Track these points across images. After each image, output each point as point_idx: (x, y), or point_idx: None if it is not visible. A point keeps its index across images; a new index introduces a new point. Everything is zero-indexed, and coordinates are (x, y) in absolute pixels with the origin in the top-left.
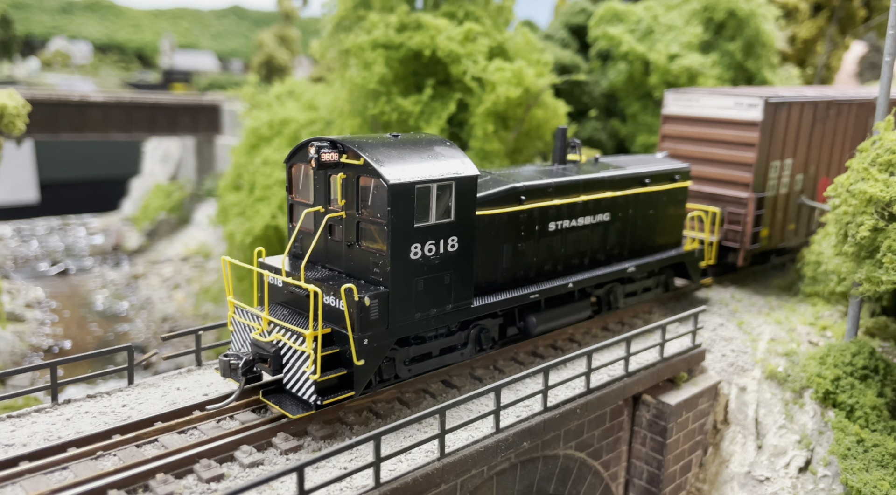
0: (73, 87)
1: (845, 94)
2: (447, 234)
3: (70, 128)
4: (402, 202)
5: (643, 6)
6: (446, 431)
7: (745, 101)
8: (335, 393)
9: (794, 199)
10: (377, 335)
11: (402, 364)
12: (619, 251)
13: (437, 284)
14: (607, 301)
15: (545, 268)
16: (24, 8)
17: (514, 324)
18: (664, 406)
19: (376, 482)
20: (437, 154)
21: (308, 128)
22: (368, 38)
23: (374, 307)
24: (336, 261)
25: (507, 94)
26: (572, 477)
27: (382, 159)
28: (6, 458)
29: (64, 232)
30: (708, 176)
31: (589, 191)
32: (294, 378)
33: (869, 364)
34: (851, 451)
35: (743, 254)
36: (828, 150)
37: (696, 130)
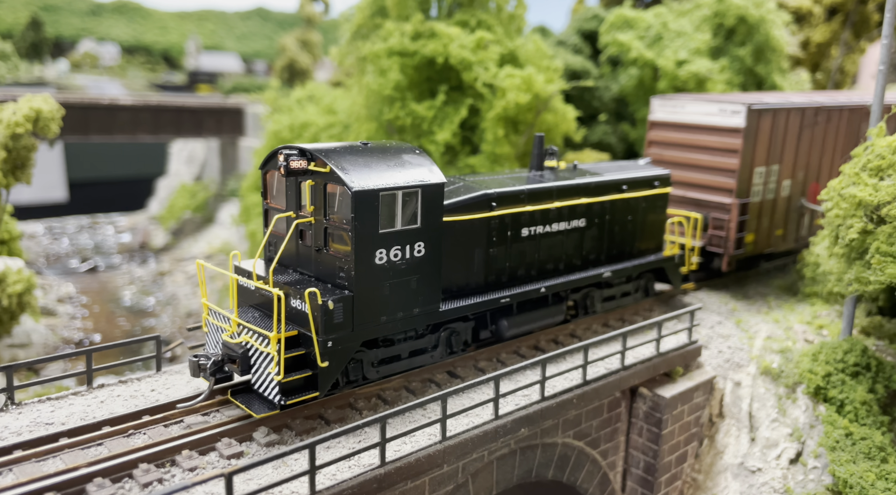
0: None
1: (835, 99)
2: (414, 240)
3: (100, 130)
4: (366, 209)
5: (653, 13)
6: (447, 416)
7: (729, 108)
8: (300, 394)
9: (781, 205)
10: (342, 338)
11: (370, 365)
12: (595, 256)
13: (403, 288)
14: (584, 305)
15: (518, 273)
16: (54, 10)
17: (486, 328)
18: (659, 398)
19: (382, 460)
20: (405, 162)
21: (327, 131)
22: (384, 45)
23: (339, 310)
24: (307, 266)
25: (517, 100)
26: (570, 464)
27: (347, 167)
28: (48, 434)
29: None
30: (693, 182)
31: (563, 198)
32: (260, 378)
33: (861, 361)
34: (840, 444)
35: (727, 259)
36: (817, 156)
37: (681, 136)
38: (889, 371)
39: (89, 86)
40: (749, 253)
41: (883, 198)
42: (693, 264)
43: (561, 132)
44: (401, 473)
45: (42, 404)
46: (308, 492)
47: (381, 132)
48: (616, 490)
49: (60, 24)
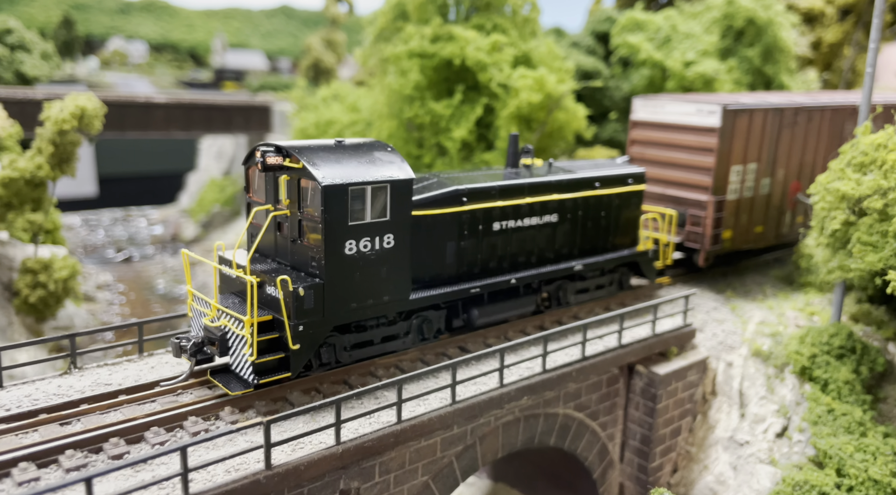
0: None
1: (816, 100)
2: (383, 232)
3: (136, 127)
4: (335, 202)
5: (663, 16)
6: (457, 382)
7: (705, 108)
8: (273, 374)
9: (759, 203)
10: (312, 322)
11: (343, 350)
12: (567, 250)
13: (373, 277)
14: (556, 297)
15: (489, 265)
16: (85, 9)
17: (458, 316)
18: (654, 375)
19: (398, 419)
20: (376, 158)
21: (351, 128)
22: (405, 48)
23: (309, 297)
24: (284, 255)
25: (530, 99)
26: (571, 433)
27: (319, 163)
28: (108, 391)
29: (127, 222)
30: (672, 179)
31: (535, 194)
32: (236, 359)
33: (846, 344)
34: (822, 419)
35: (703, 254)
36: (798, 155)
37: (661, 135)
38: (874, 354)
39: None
40: (727, 249)
41: (864, 191)
42: (669, 259)
43: (572, 129)
44: (415, 430)
45: (100, 368)
46: (334, 442)
47: (401, 129)
48: (614, 460)
49: (90, 23)
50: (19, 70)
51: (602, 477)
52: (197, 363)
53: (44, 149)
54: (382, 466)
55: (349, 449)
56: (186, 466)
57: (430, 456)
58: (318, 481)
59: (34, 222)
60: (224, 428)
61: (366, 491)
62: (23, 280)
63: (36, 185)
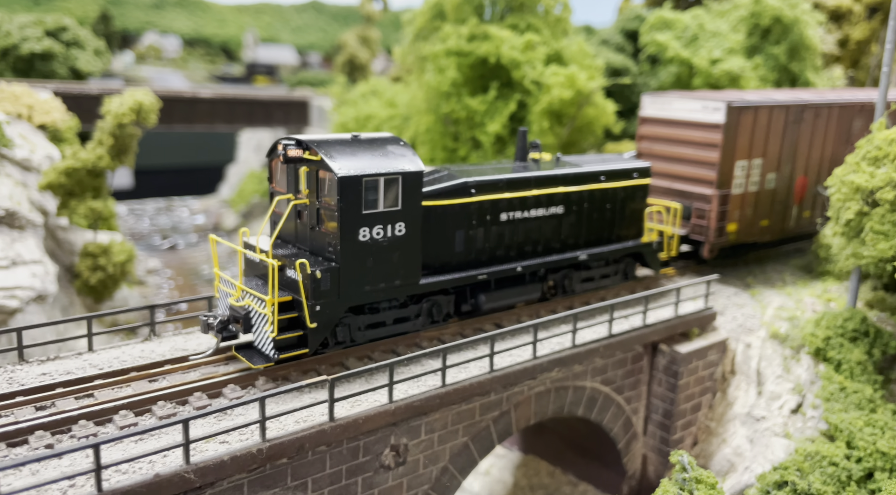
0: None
1: (824, 97)
2: (395, 221)
3: (182, 120)
4: (350, 192)
5: (691, 14)
6: (494, 353)
7: (711, 105)
8: (292, 350)
9: (765, 197)
10: (328, 303)
11: (357, 329)
12: (573, 241)
13: (385, 262)
14: (562, 285)
15: (497, 253)
16: (120, 4)
17: (467, 302)
18: (676, 354)
19: (443, 383)
20: (389, 152)
21: (388, 123)
22: (443, 46)
23: (326, 279)
24: (304, 241)
25: (561, 96)
26: (597, 405)
27: (336, 156)
28: (184, 355)
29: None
30: (678, 174)
31: (541, 187)
32: (259, 336)
33: (860, 328)
34: (834, 396)
35: (708, 247)
36: (805, 151)
37: (668, 131)
38: (887, 338)
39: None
40: (732, 241)
41: (877, 183)
42: (674, 251)
43: (601, 124)
44: (457, 394)
45: (176, 336)
46: (387, 401)
47: (438, 124)
48: (638, 432)
49: (126, 17)
50: (74, 66)
51: (626, 448)
52: (223, 339)
53: (104, 141)
54: (428, 425)
55: (400, 408)
56: (264, 415)
57: (469, 419)
58: (372, 435)
59: (94, 209)
60: (294, 383)
61: (413, 447)
62: (84, 263)
63: (96, 175)
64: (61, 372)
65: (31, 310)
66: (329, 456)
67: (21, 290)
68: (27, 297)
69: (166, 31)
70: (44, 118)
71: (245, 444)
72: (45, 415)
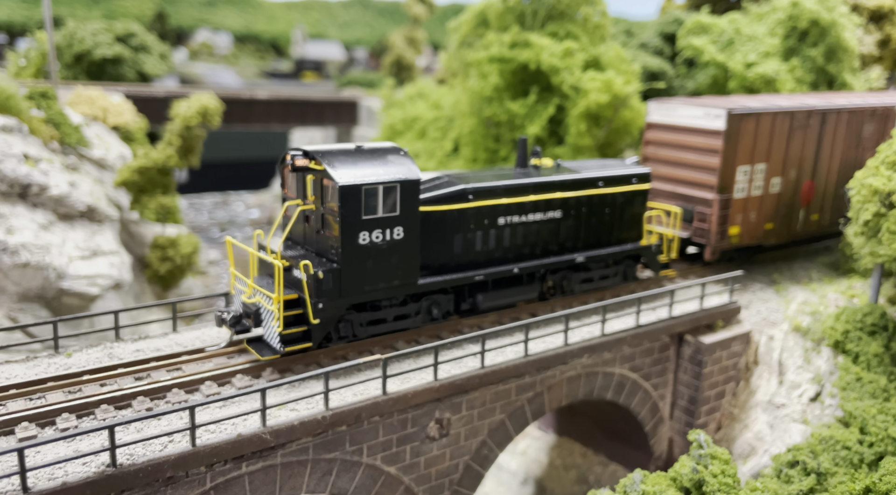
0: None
1: (831, 102)
2: (393, 225)
3: (240, 120)
4: (350, 199)
5: (727, 19)
6: (528, 339)
7: (712, 112)
8: (297, 343)
9: (769, 201)
10: (331, 301)
11: (359, 325)
12: (571, 243)
13: (384, 264)
14: (560, 286)
15: (495, 255)
16: (174, 2)
17: (465, 300)
18: (701, 344)
19: (482, 365)
20: (389, 161)
21: (434, 124)
22: (486, 53)
23: (328, 279)
24: (311, 244)
25: (598, 100)
26: (625, 390)
27: (337, 165)
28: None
29: (227, 206)
30: (682, 178)
31: (539, 192)
32: (267, 330)
33: (878, 322)
34: (850, 385)
35: (710, 250)
36: (811, 155)
37: (672, 137)
38: None
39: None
40: (735, 244)
41: (893, 187)
42: (674, 253)
43: (637, 126)
44: (495, 375)
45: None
46: (433, 379)
47: (481, 126)
48: (664, 416)
49: (179, 15)
50: (141, 69)
51: (653, 431)
52: (236, 333)
53: (173, 142)
54: (468, 402)
55: (444, 385)
56: (328, 387)
57: (506, 399)
58: (419, 409)
59: (164, 205)
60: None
61: (455, 421)
62: (154, 254)
63: (165, 173)
64: (151, 349)
65: (109, 297)
66: (382, 426)
67: (101, 278)
68: (106, 285)
69: (218, 28)
70: (117, 120)
71: (312, 412)
72: (144, 384)
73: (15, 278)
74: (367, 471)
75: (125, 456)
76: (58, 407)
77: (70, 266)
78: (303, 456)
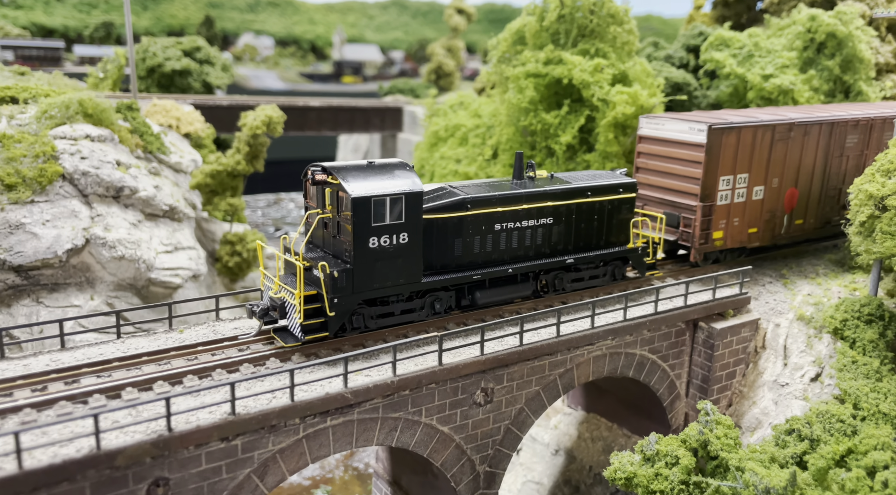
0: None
1: (813, 115)
2: (399, 231)
3: (295, 127)
4: (361, 209)
5: (748, 33)
6: (561, 322)
7: (695, 126)
8: (316, 333)
9: (752, 207)
10: (344, 297)
11: (370, 318)
12: (562, 247)
13: (391, 265)
14: (553, 284)
15: (492, 257)
16: (219, 6)
17: (465, 297)
18: (713, 330)
19: (521, 342)
20: (396, 175)
21: (474, 131)
22: (523, 69)
23: (342, 278)
24: (328, 247)
25: (625, 111)
26: (646, 369)
27: (350, 180)
28: None
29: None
30: (669, 187)
31: (532, 202)
32: (290, 321)
33: (875, 312)
34: (846, 367)
35: (694, 252)
36: (794, 165)
37: (661, 149)
38: None
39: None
40: (719, 247)
41: (886, 192)
42: (660, 255)
43: None
44: (532, 352)
45: None
46: (479, 352)
47: (517, 135)
48: (681, 394)
49: (224, 19)
50: (206, 80)
51: (670, 406)
52: (265, 323)
53: (241, 149)
54: (509, 375)
55: (489, 359)
56: (395, 357)
57: (540, 373)
58: (468, 378)
59: (233, 205)
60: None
61: (498, 390)
62: (223, 249)
63: (234, 177)
64: (246, 327)
65: (188, 287)
66: (437, 392)
67: (182, 270)
68: (186, 276)
69: (261, 31)
70: (188, 128)
71: (382, 377)
72: (247, 354)
73: (111, 269)
74: (425, 429)
75: (241, 407)
76: (182, 370)
77: (156, 259)
78: (374, 414)
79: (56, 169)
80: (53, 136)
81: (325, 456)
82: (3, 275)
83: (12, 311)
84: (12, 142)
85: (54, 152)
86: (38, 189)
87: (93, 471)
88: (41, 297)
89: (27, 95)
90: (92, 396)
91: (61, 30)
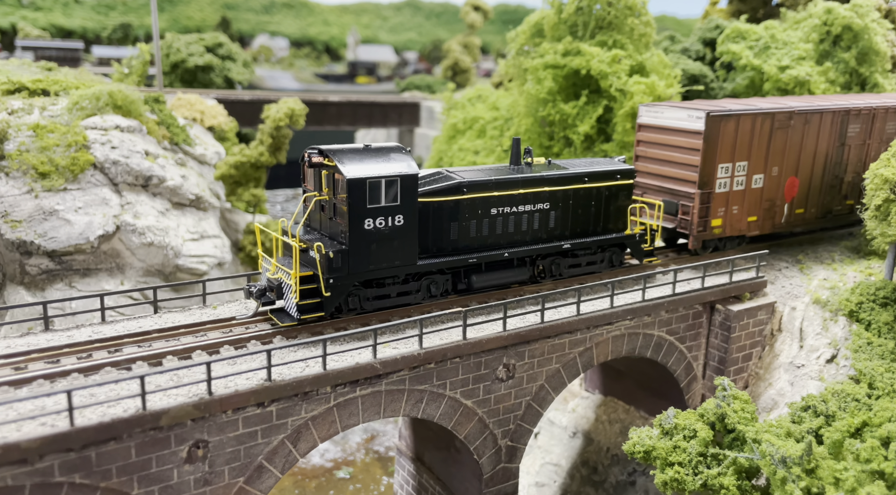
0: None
1: (812, 104)
2: (394, 213)
3: (314, 122)
4: (357, 191)
5: (764, 25)
6: (581, 301)
7: (694, 114)
8: (312, 313)
9: (752, 195)
10: (339, 277)
11: (366, 300)
12: (559, 232)
13: (387, 246)
14: (550, 270)
15: (488, 241)
16: (234, 7)
17: (461, 281)
18: (730, 312)
19: (542, 320)
20: (391, 158)
21: (492, 123)
22: (541, 61)
23: (338, 259)
24: (325, 229)
25: (642, 101)
26: (663, 350)
27: (346, 162)
28: None
29: (297, 200)
30: (668, 174)
31: (528, 187)
32: (287, 301)
33: (890, 295)
34: (862, 348)
35: (692, 239)
36: (794, 153)
37: (660, 137)
38: None
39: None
40: (717, 235)
41: None
42: (657, 242)
43: None
44: (552, 330)
45: None
46: (502, 328)
47: (536, 125)
48: (698, 375)
49: (239, 21)
50: (228, 76)
51: (687, 388)
52: (262, 304)
53: (264, 141)
54: (530, 352)
55: (511, 335)
56: (422, 330)
57: (560, 351)
58: (491, 354)
59: (256, 195)
60: (437, 312)
61: (519, 367)
62: (247, 238)
63: (257, 168)
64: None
65: (213, 274)
66: (461, 366)
67: (208, 258)
68: (212, 263)
69: (276, 33)
70: (212, 121)
71: (409, 350)
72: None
73: (141, 255)
74: (450, 402)
75: (276, 374)
76: (219, 341)
77: (183, 246)
78: (401, 385)
79: (87, 158)
80: (84, 127)
81: (354, 425)
82: (37, 259)
83: (46, 295)
84: (45, 132)
85: (86, 142)
86: (71, 177)
87: (138, 431)
88: (73, 282)
89: (58, 88)
90: (135, 363)
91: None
